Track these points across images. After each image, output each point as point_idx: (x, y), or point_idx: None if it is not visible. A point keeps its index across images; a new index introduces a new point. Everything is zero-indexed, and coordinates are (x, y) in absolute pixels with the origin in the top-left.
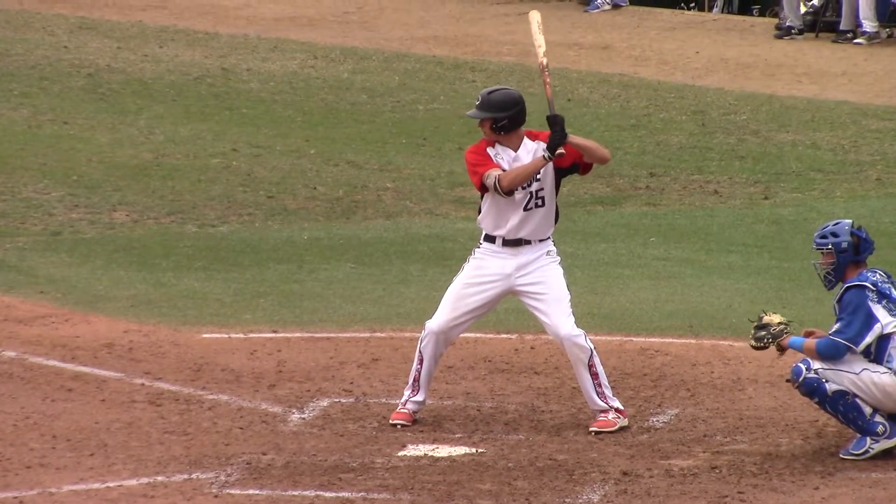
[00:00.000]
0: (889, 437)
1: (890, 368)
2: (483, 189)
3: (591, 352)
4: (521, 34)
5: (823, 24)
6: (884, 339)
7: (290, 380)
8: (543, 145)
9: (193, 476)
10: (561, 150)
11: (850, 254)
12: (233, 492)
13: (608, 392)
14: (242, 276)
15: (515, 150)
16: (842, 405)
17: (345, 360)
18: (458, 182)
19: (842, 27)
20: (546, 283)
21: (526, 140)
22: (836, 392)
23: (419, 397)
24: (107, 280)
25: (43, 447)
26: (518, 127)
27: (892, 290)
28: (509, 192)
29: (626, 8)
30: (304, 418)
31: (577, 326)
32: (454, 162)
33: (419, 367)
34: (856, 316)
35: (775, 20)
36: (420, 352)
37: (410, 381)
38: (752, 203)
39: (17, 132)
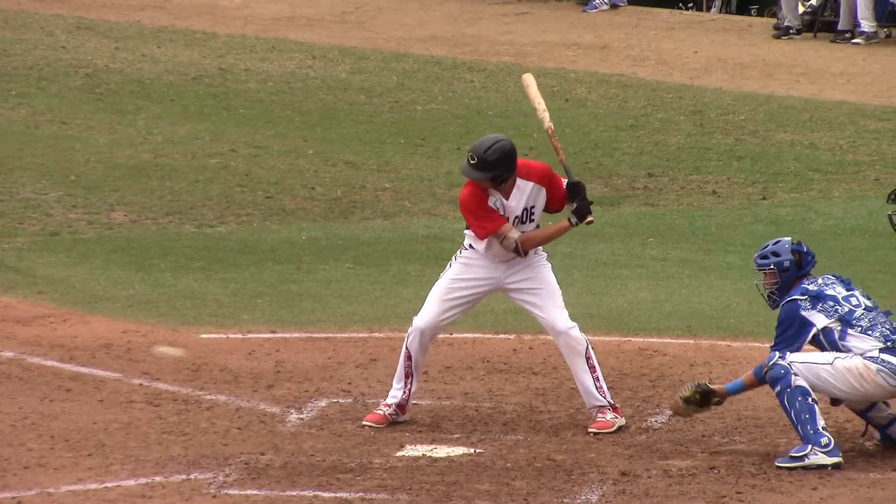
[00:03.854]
0: (830, 455)
1: (851, 353)
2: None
3: (587, 343)
4: (519, 34)
5: (821, 23)
6: (828, 332)
7: (289, 380)
8: (537, 187)
9: (192, 476)
10: (590, 219)
11: (793, 271)
12: (231, 492)
13: (605, 388)
14: (240, 277)
15: (508, 196)
16: (798, 403)
17: (343, 360)
18: (456, 182)
19: (840, 27)
20: (537, 278)
21: (518, 181)
22: (798, 387)
23: (406, 394)
24: (105, 280)
25: (41, 447)
26: (513, 174)
27: (836, 287)
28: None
29: (625, 8)
30: (302, 418)
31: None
32: (452, 162)
33: (408, 363)
34: (788, 330)
35: (773, 20)
36: (407, 348)
37: (402, 377)
38: (750, 203)
39: (15, 132)
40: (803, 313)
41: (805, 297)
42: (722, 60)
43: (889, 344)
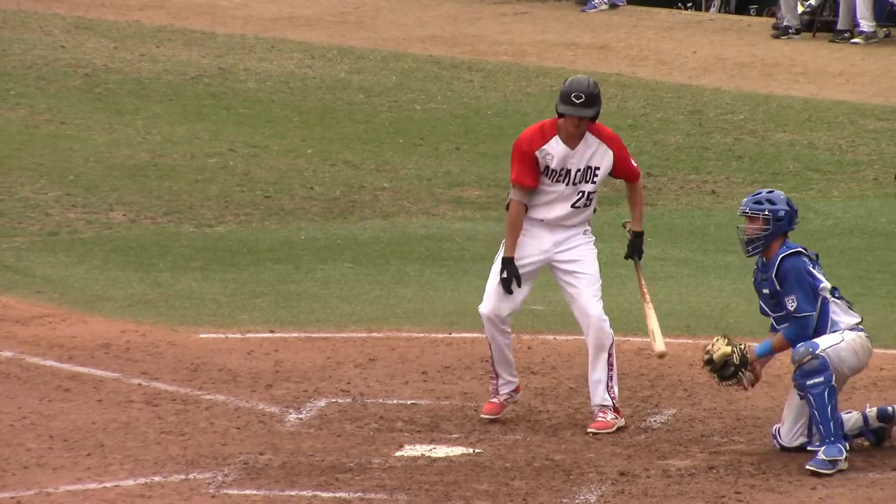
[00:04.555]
0: (845, 460)
1: (837, 331)
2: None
3: (613, 341)
4: (518, 34)
5: (820, 23)
6: (824, 304)
7: (288, 380)
8: (604, 147)
9: (190, 476)
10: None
11: (785, 223)
12: (230, 492)
13: (616, 389)
14: (239, 276)
15: (574, 146)
16: (832, 402)
17: (342, 360)
18: (455, 182)
19: (839, 27)
20: (582, 262)
21: (588, 135)
22: (834, 387)
23: (502, 381)
24: (104, 280)
25: (40, 447)
26: None
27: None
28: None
29: (624, 7)
30: (301, 418)
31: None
32: (451, 162)
33: (491, 353)
34: (802, 285)
35: (772, 20)
36: (487, 340)
37: (490, 366)
38: None
39: (14, 132)
40: (811, 269)
41: (806, 253)
42: (721, 60)
43: (861, 319)
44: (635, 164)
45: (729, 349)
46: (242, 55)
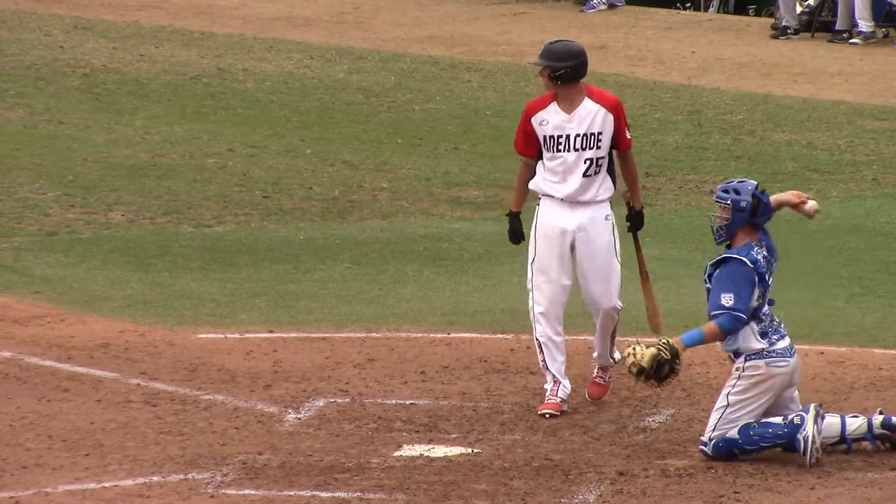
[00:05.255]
0: (806, 411)
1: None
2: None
3: (618, 319)
4: (516, 34)
5: (819, 23)
6: None
7: (286, 380)
8: (604, 111)
9: (189, 476)
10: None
11: (746, 214)
12: (229, 492)
13: (617, 354)
14: (238, 276)
15: (570, 112)
16: (754, 434)
17: (341, 360)
18: (454, 182)
19: (837, 27)
20: (597, 254)
21: (586, 101)
22: (740, 430)
23: (562, 387)
24: (103, 280)
25: (39, 447)
26: (576, 79)
27: (769, 272)
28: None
29: (622, 7)
30: (299, 418)
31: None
32: (450, 162)
33: (542, 355)
34: (743, 287)
35: (771, 20)
36: (536, 340)
37: (544, 371)
38: None
39: (13, 132)
40: (752, 277)
41: (752, 267)
42: (720, 60)
43: (767, 343)
44: (629, 136)
45: (653, 349)
46: (241, 55)
